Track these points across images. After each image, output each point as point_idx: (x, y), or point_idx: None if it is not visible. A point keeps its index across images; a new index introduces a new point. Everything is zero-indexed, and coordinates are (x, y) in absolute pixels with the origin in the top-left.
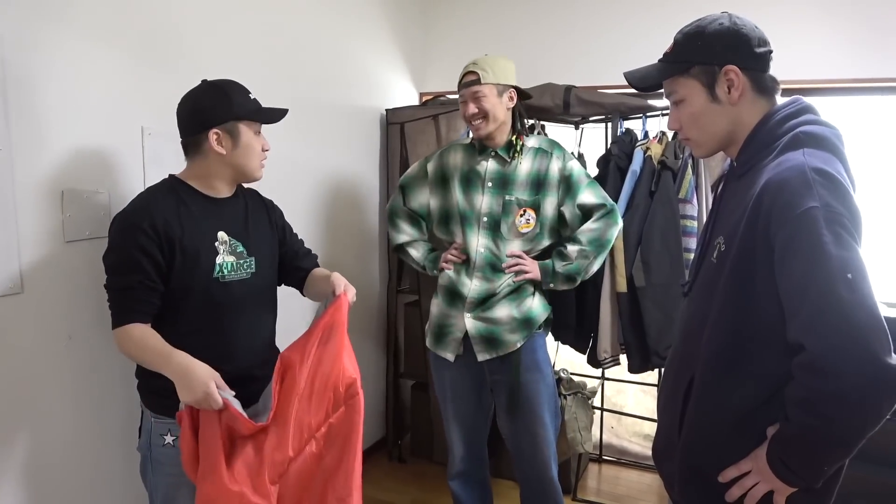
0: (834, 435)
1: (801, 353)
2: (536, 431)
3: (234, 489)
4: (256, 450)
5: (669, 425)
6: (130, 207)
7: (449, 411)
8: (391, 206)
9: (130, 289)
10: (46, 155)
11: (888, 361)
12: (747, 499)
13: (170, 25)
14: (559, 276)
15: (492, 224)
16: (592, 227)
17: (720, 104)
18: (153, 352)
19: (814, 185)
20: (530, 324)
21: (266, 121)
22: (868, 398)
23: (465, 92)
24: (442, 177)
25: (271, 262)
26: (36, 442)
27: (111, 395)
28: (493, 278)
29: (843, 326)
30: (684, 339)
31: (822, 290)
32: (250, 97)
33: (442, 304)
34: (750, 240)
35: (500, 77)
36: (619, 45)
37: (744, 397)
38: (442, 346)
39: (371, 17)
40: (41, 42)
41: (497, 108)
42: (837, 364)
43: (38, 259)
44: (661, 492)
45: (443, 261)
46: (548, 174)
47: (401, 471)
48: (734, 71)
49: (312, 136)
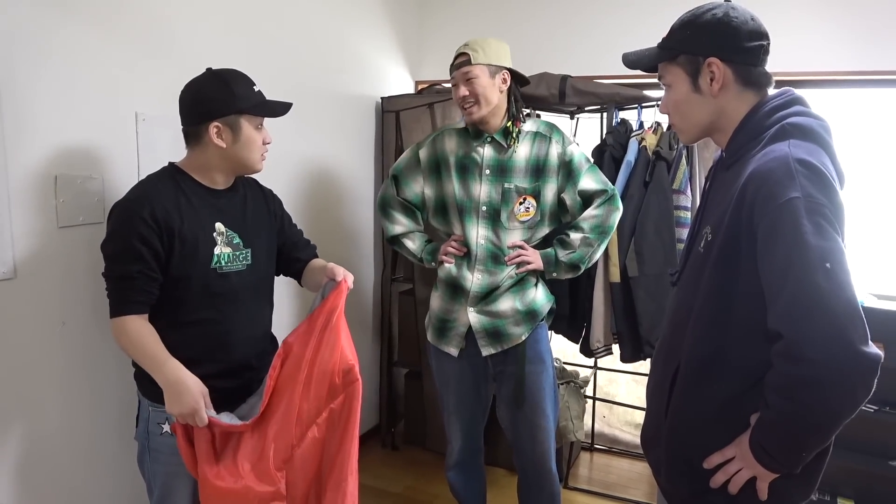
0: (810, 421)
1: (779, 341)
2: (538, 422)
3: (238, 486)
4: (258, 439)
5: (656, 413)
6: (130, 195)
7: (450, 404)
8: (382, 197)
9: (129, 278)
10: (39, 140)
11: (862, 349)
12: (731, 484)
13: (164, 11)
14: (562, 264)
15: (491, 213)
16: (594, 214)
17: (702, 95)
18: (147, 354)
19: (797, 175)
20: (534, 315)
21: (269, 114)
22: (842, 385)
23: (456, 74)
24: (435, 164)
25: (268, 254)
26: (30, 430)
27: (106, 383)
28: (496, 270)
29: (818, 315)
30: (671, 328)
31: (800, 279)
32: (254, 89)
33: (443, 298)
34: (734, 229)
35: (493, 58)
36: (615, 34)
37: (727, 385)
38: (445, 341)
39: (367, 5)
40: (35, 27)
41: (489, 91)
42: (812, 351)
43: (31, 245)
44: (652, 480)
45: (442, 253)
46: (547, 160)
47: (394, 458)
48: (716, 64)
49: (307, 124)
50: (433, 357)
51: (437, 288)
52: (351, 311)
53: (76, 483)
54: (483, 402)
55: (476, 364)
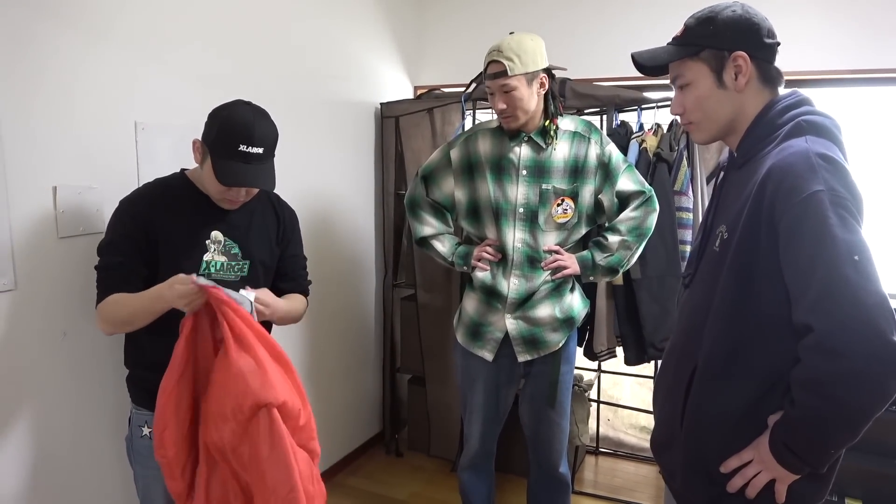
0: (841, 415)
1: (808, 335)
2: (559, 422)
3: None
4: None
5: (671, 416)
6: (130, 194)
7: (474, 405)
8: (411, 197)
9: (113, 268)
10: (38, 151)
11: (894, 340)
12: (749, 488)
13: (162, 19)
14: (600, 268)
15: (528, 215)
16: (632, 216)
17: (726, 90)
18: (132, 300)
19: (818, 169)
20: (572, 322)
21: (220, 179)
22: (876, 376)
23: (491, 84)
24: (468, 165)
25: (268, 270)
26: (31, 439)
27: (106, 392)
28: (532, 275)
29: (850, 306)
30: (685, 330)
31: (829, 272)
32: (240, 148)
33: (479, 303)
34: (753, 225)
35: (530, 64)
36: (615, 37)
37: (749, 385)
38: (478, 345)
39: (365, 10)
40: (33, 36)
41: (528, 101)
42: (845, 343)
43: (31, 255)
44: (658, 483)
45: (475, 258)
46: (586, 161)
47: (398, 465)
48: (743, 57)
49: (307, 130)
50: (460, 356)
51: (473, 290)
52: (353, 316)
53: (76, 489)
54: (504, 406)
55: (505, 367)
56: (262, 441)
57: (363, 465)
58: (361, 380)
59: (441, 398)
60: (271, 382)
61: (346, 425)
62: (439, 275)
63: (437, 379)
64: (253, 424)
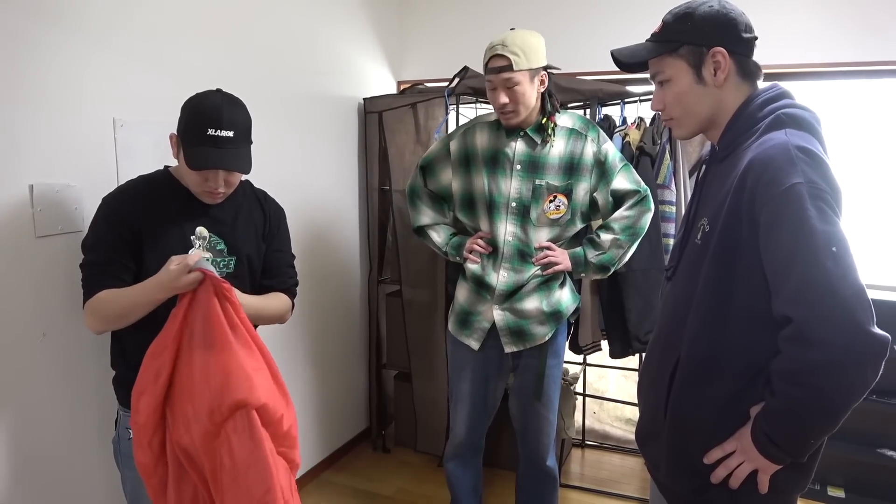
0: (821, 405)
1: (788, 326)
2: (547, 416)
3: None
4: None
5: (655, 408)
6: (115, 191)
7: (460, 393)
8: (411, 187)
9: (100, 264)
10: (14, 148)
11: (872, 330)
12: (732, 479)
13: (140, 14)
14: (591, 265)
15: (520, 210)
16: (626, 215)
17: (705, 86)
18: (128, 293)
19: (797, 161)
20: (559, 316)
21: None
22: (853, 367)
23: (494, 78)
24: (465, 157)
25: (253, 265)
26: (13, 443)
27: (91, 393)
28: (522, 269)
29: (829, 297)
30: (668, 322)
31: (808, 263)
32: (208, 133)
33: (470, 292)
34: (734, 217)
35: (533, 60)
36: (597, 31)
37: (729, 378)
38: (466, 334)
39: (348, 5)
40: (7, 32)
41: (529, 96)
42: (824, 333)
43: (8, 255)
44: (644, 475)
45: (467, 250)
46: (582, 158)
47: (385, 460)
48: (721, 53)
49: (290, 125)
50: (451, 345)
51: (465, 280)
52: (338, 313)
53: (58, 491)
54: (493, 398)
55: (493, 358)
56: (240, 443)
57: (350, 461)
58: (347, 376)
59: (427, 393)
60: (254, 383)
61: (332, 422)
62: (424, 270)
63: (423, 374)
64: (230, 425)
